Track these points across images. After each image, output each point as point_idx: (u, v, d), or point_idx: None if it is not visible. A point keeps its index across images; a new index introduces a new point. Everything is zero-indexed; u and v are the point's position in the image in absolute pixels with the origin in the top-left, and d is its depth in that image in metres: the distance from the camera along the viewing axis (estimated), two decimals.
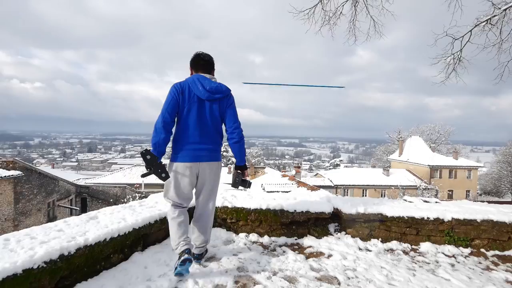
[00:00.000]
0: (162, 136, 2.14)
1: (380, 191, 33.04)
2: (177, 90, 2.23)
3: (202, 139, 2.27)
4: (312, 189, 20.66)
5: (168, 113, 2.18)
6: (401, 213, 2.96)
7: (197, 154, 2.26)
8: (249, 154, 55.53)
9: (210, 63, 2.43)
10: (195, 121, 2.25)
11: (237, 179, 2.42)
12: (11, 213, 16.37)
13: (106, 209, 2.61)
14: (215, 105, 2.31)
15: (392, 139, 49.49)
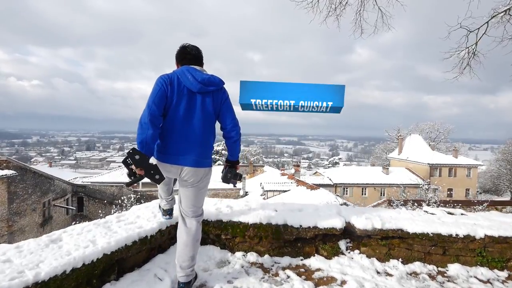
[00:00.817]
0: (149, 132, 1.86)
1: (379, 190, 32.77)
2: (165, 81, 1.97)
3: (190, 138, 2.02)
4: (312, 188, 20.39)
5: (156, 105, 1.90)
6: (424, 229, 2.52)
7: (181, 157, 2.01)
8: (248, 152, 55.06)
9: (199, 57, 2.17)
10: (183, 117, 1.99)
11: (229, 174, 2.27)
12: (4, 213, 15.98)
13: (75, 227, 2.16)
14: (208, 99, 2.05)
15: (391, 137, 49.16)
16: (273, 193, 22.56)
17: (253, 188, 26.17)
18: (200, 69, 2.11)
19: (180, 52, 2.15)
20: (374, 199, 31.43)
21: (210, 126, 2.10)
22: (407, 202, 13.19)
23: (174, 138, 2.01)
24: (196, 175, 2.08)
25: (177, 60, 2.19)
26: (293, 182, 24.60)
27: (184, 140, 2.01)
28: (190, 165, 2.03)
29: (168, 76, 2.00)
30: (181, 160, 2.02)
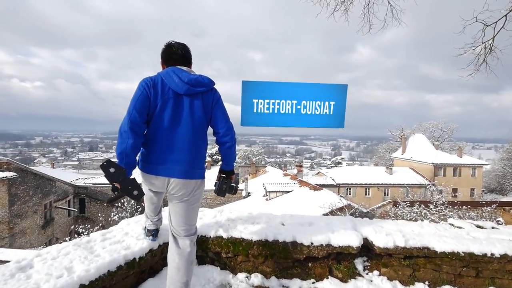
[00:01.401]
0: (129, 142, 1.68)
1: (383, 190, 32.42)
2: (147, 84, 1.79)
3: (176, 145, 1.81)
4: (315, 189, 20.05)
5: (137, 111, 1.73)
6: (454, 247, 2.19)
7: (168, 167, 1.81)
8: (250, 153, 54.71)
9: (186, 56, 1.96)
10: (169, 122, 1.80)
11: (224, 186, 2.08)
12: (5, 215, 15.83)
13: (51, 249, 1.86)
14: (197, 101, 1.85)
15: (394, 137, 48.70)
16: (275, 194, 22.24)
17: (256, 189, 25.89)
18: (187, 70, 1.91)
19: (165, 51, 1.94)
20: (377, 199, 31.07)
21: (200, 132, 1.88)
22: (413, 203, 12.83)
23: (159, 146, 1.80)
24: (186, 188, 1.85)
25: (162, 60, 1.98)
26: (296, 182, 24.27)
27: (170, 148, 1.80)
28: (178, 177, 1.81)
29: (151, 79, 1.81)
30: (167, 170, 1.80)
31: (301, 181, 24.61)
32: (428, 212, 10.72)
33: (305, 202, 18.68)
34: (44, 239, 18.95)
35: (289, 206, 18.81)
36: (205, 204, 24.34)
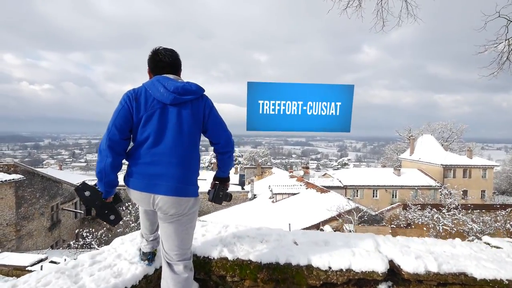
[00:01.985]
0: (108, 161, 1.61)
1: (391, 192, 31.88)
2: (129, 97, 1.68)
3: (164, 158, 1.65)
4: (322, 191, 19.73)
5: (116, 127, 1.63)
6: (496, 273, 1.88)
7: (152, 182, 1.64)
8: (255, 154, 54.46)
9: (174, 64, 1.81)
10: (155, 134, 1.66)
11: (220, 193, 1.97)
12: (13, 218, 15.84)
13: (30, 278, 1.60)
14: (185, 111, 1.70)
15: (402, 138, 48.02)
16: (282, 196, 21.95)
17: (262, 191, 25.63)
18: (175, 78, 1.77)
19: (151, 59, 1.80)
20: (385, 201, 30.57)
21: (190, 144, 1.72)
22: (425, 206, 12.42)
23: (144, 160, 1.66)
24: (176, 207, 1.67)
25: (149, 68, 1.84)
26: (303, 184, 23.95)
27: (156, 162, 1.64)
28: (165, 193, 1.64)
29: (133, 91, 1.70)
30: (151, 186, 1.64)
31: (307, 183, 24.28)
32: (441, 216, 10.32)
33: (312, 205, 18.34)
34: (50, 241, 18.95)
35: (296, 208, 18.49)
36: (211, 206, 24.15)
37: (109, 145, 1.60)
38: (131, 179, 1.68)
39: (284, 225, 15.47)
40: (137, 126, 1.67)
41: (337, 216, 15.29)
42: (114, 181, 1.66)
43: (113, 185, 1.68)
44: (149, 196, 1.65)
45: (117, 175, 1.68)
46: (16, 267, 7.87)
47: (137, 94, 1.68)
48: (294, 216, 16.79)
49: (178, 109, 1.67)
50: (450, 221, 9.75)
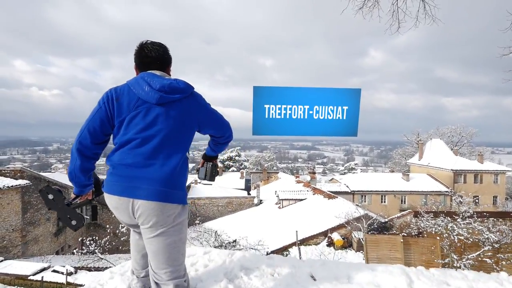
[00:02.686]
0: (77, 163, 1.52)
1: (400, 197, 31.33)
2: (108, 97, 1.54)
3: (147, 160, 1.47)
4: (329, 197, 19.42)
5: (89, 131, 1.52)
6: None
7: (132, 185, 1.45)
8: (261, 158, 54.20)
9: (162, 60, 1.64)
10: (138, 136, 1.49)
11: (213, 171, 1.96)
12: (19, 223, 15.88)
13: None
14: (173, 111, 1.53)
15: (410, 142, 47.35)
16: (288, 201, 21.67)
17: (268, 196, 25.37)
18: (161, 74, 1.60)
19: (137, 54, 1.63)
20: (394, 207, 30.02)
21: (178, 146, 1.55)
22: (438, 214, 12.01)
23: (125, 160, 1.48)
24: (158, 215, 1.46)
25: (135, 63, 1.67)
26: (309, 190, 23.64)
27: (139, 162, 1.47)
28: (146, 198, 1.43)
29: (115, 90, 1.55)
30: (132, 189, 1.45)
31: (314, 188, 23.96)
32: (455, 225, 9.93)
33: (320, 211, 18.02)
34: (56, 246, 18.93)
35: (303, 215, 18.18)
36: (217, 212, 23.92)
37: (78, 148, 1.51)
38: (109, 183, 1.52)
39: (291, 232, 15.19)
40: (119, 127, 1.53)
41: (345, 223, 14.95)
42: (84, 182, 1.59)
43: (84, 185, 1.60)
44: (128, 202, 1.46)
45: (88, 175, 1.60)
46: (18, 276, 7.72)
47: (119, 93, 1.53)
48: (301, 222, 16.50)
49: (165, 109, 1.52)
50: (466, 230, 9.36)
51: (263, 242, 10.02)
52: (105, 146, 1.61)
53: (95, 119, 1.52)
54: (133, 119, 1.50)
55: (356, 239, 13.92)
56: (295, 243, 14.51)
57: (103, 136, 1.55)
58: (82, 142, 1.51)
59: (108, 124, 1.53)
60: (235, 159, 49.49)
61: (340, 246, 14.28)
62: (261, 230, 16.46)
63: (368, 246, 10.43)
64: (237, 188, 33.06)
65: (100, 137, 1.54)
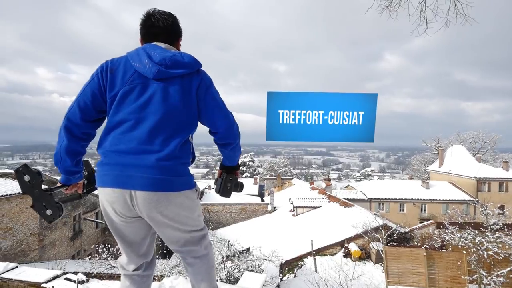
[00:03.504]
0: (63, 144, 1.34)
1: (420, 206, 30.25)
2: (103, 67, 1.36)
3: (143, 145, 1.28)
4: (345, 205, 18.84)
5: (79, 105, 1.34)
6: None
7: (125, 173, 1.26)
8: (275, 164, 53.68)
9: (170, 31, 1.45)
10: (132, 116, 1.30)
11: (228, 184, 1.66)
12: (36, 227, 16.16)
13: None
14: (172, 88, 1.33)
15: (430, 148, 45.88)
16: (303, 209, 21.20)
17: (282, 203, 24.96)
18: (166, 47, 1.41)
19: (143, 24, 1.44)
20: (413, 216, 29.00)
21: (178, 128, 1.34)
22: (463, 226, 11.29)
23: (118, 146, 1.29)
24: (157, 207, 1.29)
25: (140, 35, 1.48)
26: (325, 197, 23.07)
27: (134, 149, 1.27)
28: (145, 188, 1.25)
29: (111, 61, 1.37)
30: (127, 179, 1.26)
31: (330, 196, 23.36)
32: (484, 239, 9.27)
33: (335, 220, 17.46)
34: (72, 250, 19.19)
35: (318, 223, 17.67)
36: (230, 218, 23.69)
37: (65, 125, 1.32)
38: (101, 175, 1.32)
39: (306, 241, 14.74)
40: (110, 104, 1.34)
41: (363, 233, 14.36)
42: (70, 168, 1.38)
43: (70, 172, 1.39)
44: (124, 194, 1.27)
45: (77, 160, 1.39)
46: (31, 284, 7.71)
47: (114, 64, 1.35)
48: (316, 231, 16.03)
49: (164, 85, 1.31)
50: (496, 245, 8.71)
51: (277, 253, 9.66)
52: (98, 126, 1.42)
53: (86, 92, 1.34)
54: (127, 95, 1.31)
55: (375, 250, 13.32)
56: (310, 253, 14.04)
57: (95, 113, 1.36)
58: (70, 119, 1.33)
59: (101, 98, 1.35)
60: (248, 164, 49.34)
61: (357, 257, 13.71)
62: (275, 239, 16.11)
63: (388, 259, 9.90)
64: (251, 194, 32.81)
65: (91, 114, 1.35)
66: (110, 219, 1.39)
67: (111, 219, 1.38)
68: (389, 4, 3.73)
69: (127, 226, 1.39)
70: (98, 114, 1.37)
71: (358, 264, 13.11)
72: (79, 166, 1.42)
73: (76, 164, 1.39)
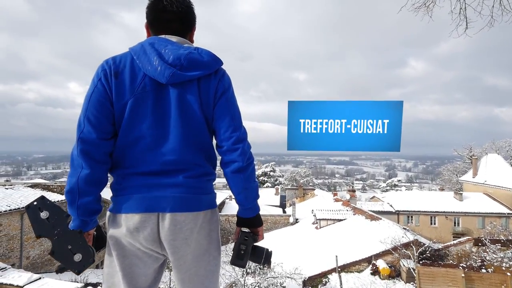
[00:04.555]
0: (83, 173, 1.02)
1: (453, 219, 28.35)
2: (106, 71, 1.07)
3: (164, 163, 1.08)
4: (372, 218, 17.88)
5: (90, 122, 1.04)
6: None
7: (154, 195, 1.05)
8: (297, 174, 52.69)
9: (185, 17, 1.17)
10: (148, 129, 1.08)
11: (242, 247, 1.15)
12: None
13: None
14: (191, 95, 1.09)
15: (462, 157, 43.35)
16: (326, 222, 20.40)
17: (304, 214, 24.23)
18: (178, 41, 1.15)
19: (151, 8, 1.16)
20: (446, 230, 27.18)
21: (201, 138, 1.14)
22: (507, 244, 10.21)
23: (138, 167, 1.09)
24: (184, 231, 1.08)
25: (147, 21, 1.20)
26: (349, 209, 22.14)
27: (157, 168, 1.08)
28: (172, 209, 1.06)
29: (113, 61, 1.09)
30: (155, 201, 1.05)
31: (355, 208, 22.41)
32: None
33: (361, 234, 16.57)
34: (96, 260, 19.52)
35: (343, 237, 16.85)
36: None
37: (81, 149, 1.03)
38: (119, 198, 1.08)
39: (330, 256, 14.02)
40: (119, 116, 1.08)
41: (392, 249, 13.45)
42: (93, 205, 1.06)
43: (91, 212, 1.06)
44: (152, 219, 1.06)
45: (98, 196, 1.08)
46: None
47: (119, 66, 1.08)
48: (341, 246, 15.26)
49: (180, 91, 1.09)
50: None
51: (300, 270, 9.15)
52: (114, 142, 1.12)
53: (93, 103, 1.06)
54: (139, 106, 1.07)
55: (406, 268, 12.37)
56: (335, 269, 13.32)
57: (110, 126, 1.09)
58: (86, 140, 1.04)
59: (111, 107, 1.08)
60: (269, 174, 48.85)
61: (386, 275, 12.81)
62: (297, 252, 15.51)
63: (421, 280, 9.10)
64: (272, 204, 32.29)
65: (107, 128, 1.08)
66: (124, 254, 1.10)
67: (125, 254, 1.10)
68: (423, 2, 3.31)
69: (141, 263, 1.12)
70: (112, 127, 1.10)
71: (388, 282, 12.22)
72: (100, 202, 1.10)
73: (98, 200, 1.08)
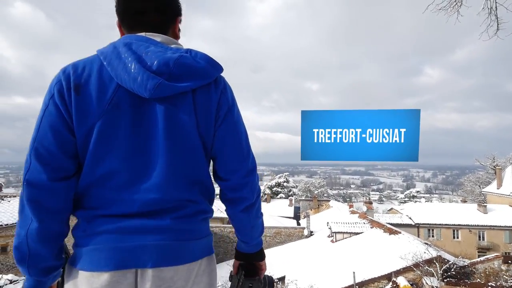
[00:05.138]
0: (32, 227, 0.76)
1: (477, 233, 26.90)
2: (61, 85, 0.77)
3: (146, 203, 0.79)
4: (390, 232, 17.07)
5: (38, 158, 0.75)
6: None
7: (130, 245, 0.76)
8: (311, 185, 51.78)
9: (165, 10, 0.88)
10: (124, 160, 0.79)
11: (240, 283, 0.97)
12: None
13: None
14: (183, 112, 0.80)
15: (484, 167, 41.49)
16: (342, 235, 19.69)
17: (319, 227, 23.53)
18: (164, 40, 0.85)
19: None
20: (470, 245, 25.76)
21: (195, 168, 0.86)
22: None
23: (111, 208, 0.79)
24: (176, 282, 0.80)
25: (117, 16, 0.91)
26: (366, 222, 21.34)
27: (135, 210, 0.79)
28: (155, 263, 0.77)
29: (73, 69, 0.78)
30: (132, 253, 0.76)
31: (372, 221, 21.58)
32: None
33: (380, 248, 15.81)
34: None
35: (360, 251, 16.14)
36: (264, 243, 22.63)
37: (29, 196, 0.75)
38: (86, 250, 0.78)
39: (347, 271, 13.40)
40: (83, 145, 0.79)
41: (413, 266, 12.71)
42: (49, 263, 0.80)
43: (48, 270, 0.80)
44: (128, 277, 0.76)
45: (58, 249, 0.82)
46: None
47: (81, 75, 0.78)
48: (358, 261, 14.59)
49: (167, 108, 0.80)
50: None
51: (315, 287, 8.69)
52: (75, 183, 0.82)
53: (43, 131, 0.77)
54: (111, 130, 0.78)
55: (429, 287, 11.63)
56: (352, 286, 12.68)
57: (68, 161, 0.79)
58: (32, 182, 0.75)
59: (71, 134, 0.78)
60: (283, 185, 48.17)
61: None
62: (313, 268, 14.94)
63: None
64: (286, 216, 31.68)
65: (63, 164, 0.78)
66: None
67: None
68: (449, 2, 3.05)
69: None
70: (71, 160, 0.80)
71: None
72: (60, 256, 0.84)
73: (57, 255, 0.83)
